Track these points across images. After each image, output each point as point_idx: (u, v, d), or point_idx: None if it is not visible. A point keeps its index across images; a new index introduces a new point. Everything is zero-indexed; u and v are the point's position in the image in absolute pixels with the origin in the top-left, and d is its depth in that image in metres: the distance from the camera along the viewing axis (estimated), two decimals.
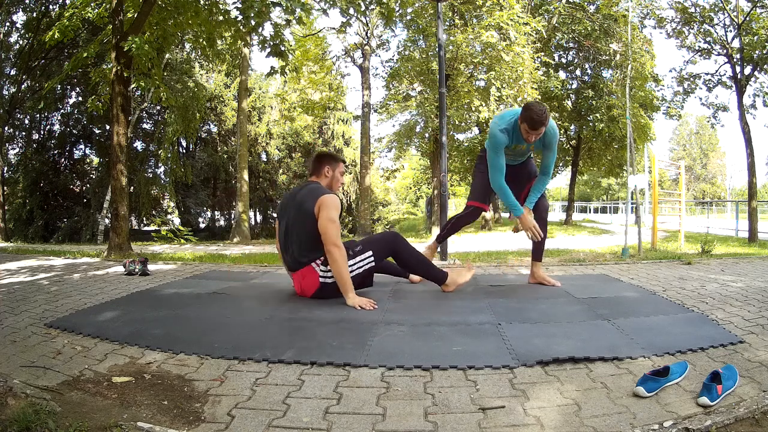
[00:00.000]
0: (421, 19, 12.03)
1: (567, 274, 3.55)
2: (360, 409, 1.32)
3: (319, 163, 2.69)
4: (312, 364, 1.63)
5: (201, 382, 1.50)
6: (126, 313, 2.33)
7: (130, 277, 3.48)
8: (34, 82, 13.97)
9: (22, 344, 1.87)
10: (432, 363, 1.61)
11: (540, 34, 12.16)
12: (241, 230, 12.68)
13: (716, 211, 21.58)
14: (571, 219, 18.36)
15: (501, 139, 2.75)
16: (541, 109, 2.61)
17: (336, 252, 2.40)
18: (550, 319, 2.16)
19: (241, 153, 13.08)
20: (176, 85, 14.63)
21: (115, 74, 5.60)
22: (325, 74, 15.75)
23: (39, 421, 1.18)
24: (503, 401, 1.36)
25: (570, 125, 16.08)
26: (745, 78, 8.48)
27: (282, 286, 3.04)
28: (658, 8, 9.77)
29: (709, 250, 4.97)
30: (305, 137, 20.03)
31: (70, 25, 6.97)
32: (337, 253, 2.40)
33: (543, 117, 2.60)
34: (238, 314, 2.32)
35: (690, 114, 44.05)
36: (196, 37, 7.45)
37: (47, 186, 15.39)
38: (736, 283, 3.04)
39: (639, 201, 7.37)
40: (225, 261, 4.80)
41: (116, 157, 5.62)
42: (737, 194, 40.07)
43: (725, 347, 1.78)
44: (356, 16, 7.52)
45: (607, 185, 42.48)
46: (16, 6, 13.38)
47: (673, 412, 1.28)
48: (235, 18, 6.09)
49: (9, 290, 2.96)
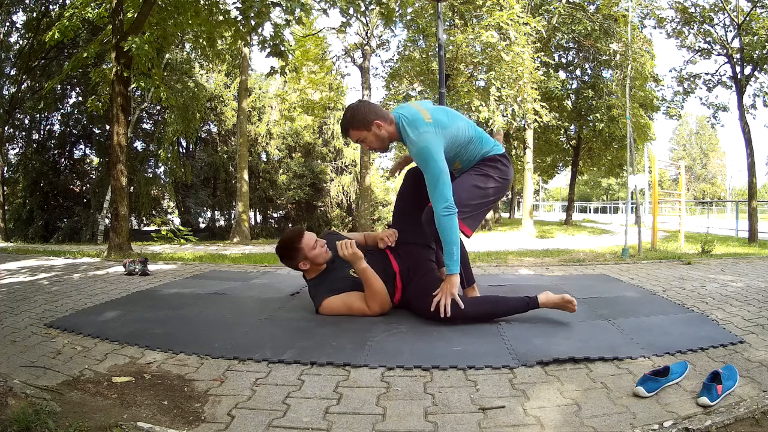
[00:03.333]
0: (421, 19, 12.03)
1: (567, 274, 3.55)
2: (360, 409, 1.32)
3: (290, 260, 2.29)
4: (312, 364, 1.63)
5: (201, 382, 1.50)
6: (126, 313, 2.33)
7: (130, 277, 3.48)
8: (34, 82, 13.97)
9: (22, 344, 1.87)
10: (432, 363, 1.61)
11: (540, 34, 12.17)
12: (241, 230, 12.68)
13: (716, 211, 21.58)
14: (571, 219, 18.38)
15: None
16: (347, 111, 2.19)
17: (374, 314, 2.21)
18: (550, 319, 2.16)
19: (241, 153, 13.08)
20: (176, 85, 14.61)
21: (115, 74, 5.61)
22: (325, 74, 15.75)
23: (39, 421, 1.18)
24: (503, 401, 1.36)
25: (570, 125, 16.09)
26: (745, 78, 8.49)
27: (282, 286, 3.04)
28: (658, 8, 9.79)
29: (709, 250, 4.98)
30: (305, 137, 20.01)
31: (70, 25, 6.98)
32: (376, 313, 2.21)
33: (345, 119, 2.18)
34: (238, 314, 2.32)
35: (690, 114, 44.10)
36: (196, 37, 7.46)
37: (47, 186, 15.37)
38: (736, 283, 3.04)
39: (639, 201, 7.38)
40: (225, 261, 4.80)
41: (116, 157, 5.62)
42: (737, 194, 40.06)
43: (725, 347, 1.78)
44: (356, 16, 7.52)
45: (607, 185, 42.50)
46: (16, 6, 13.38)
47: (673, 412, 1.28)
48: (235, 18, 6.09)
49: (9, 290, 2.96)
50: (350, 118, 2.17)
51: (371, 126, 2.14)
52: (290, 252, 2.26)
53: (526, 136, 13.80)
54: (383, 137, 2.18)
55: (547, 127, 13.24)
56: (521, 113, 11.41)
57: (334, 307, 2.21)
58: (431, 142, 2.07)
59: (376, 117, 2.15)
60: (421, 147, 2.06)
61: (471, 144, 2.23)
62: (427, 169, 2.06)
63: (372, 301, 2.19)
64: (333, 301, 2.22)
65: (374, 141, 2.19)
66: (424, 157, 2.06)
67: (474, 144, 2.24)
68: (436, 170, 2.03)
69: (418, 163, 2.15)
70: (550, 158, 19.51)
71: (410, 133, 2.10)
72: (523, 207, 15.01)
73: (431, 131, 2.09)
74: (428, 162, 2.05)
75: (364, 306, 2.20)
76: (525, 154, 14.16)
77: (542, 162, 19.61)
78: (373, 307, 2.19)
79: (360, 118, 2.15)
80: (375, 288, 2.17)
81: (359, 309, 2.20)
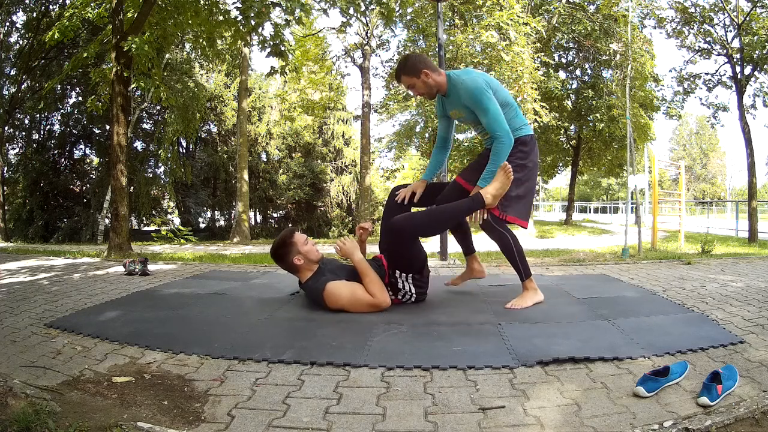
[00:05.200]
0: (421, 19, 12.03)
1: (567, 274, 3.55)
2: (360, 409, 1.32)
3: (286, 256, 2.36)
4: (312, 364, 1.63)
5: (201, 382, 1.50)
6: (126, 313, 2.33)
7: (130, 277, 3.48)
8: (34, 82, 13.96)
9: (22, 344, 1.87)
10: (432, 363, 1.61)
11: (540, 34, 12.15)
12: (241, 230, 12.68)
13: (716, 211, 21.58)
14: (571, 219, 18.37)
15: (436, 106, 2.63)
16: (401, 59, 2.43)
17: (379, 302, 2.28)
18: (550, 319, 2.16)
19: (241, 153, 13.08)
20: (176, 85, 14.61)
21: (115, 74, 5.60)
22: (325, 74, 15.75)
23: (39, 421, 1.18)
24: (503, 401, 1.36)
25: (570, 125, 16.08)
26: (745, 78, 8.49)
27: (282, 286, 3.04)
28: (658, 8, 9.78)
29: (709, 250, 4.97)
30: (305, 137, 20.02)
31: (70, 25, 6.97)
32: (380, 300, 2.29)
33: (398, 67, 2.43)
34: (238, 314, 2.33)
35: (690, 114, 44.03)
36: (196, 37, 7.45)
37: (47, 186, 15.37)
38: (736, 283, 3.04)
39: (639, 201, 7.38)
40: (225, 261, 4.80)
41: (116, 157, 5.62)
42: (737, 194, 40.06)
43: (725, 347, 1.78)
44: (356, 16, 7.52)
45: (607, 185, 42.48)
46: (16, 6, 13.38)
47: (673, 412, 1.28)
48: (235, 18, 6.09)
49: (9, 290, 2.96)
50: (402, 65, 2.42)
51: (420, 74, 2.37)
52: (285, 248, 2.36)
53: None
54: (431, 85, 2.41)
55: (547, 127, 13.22)
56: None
57: (340, 291, 2.26)
58: (484, 85, 2.32)
59: (425, 66, 2.38)
60: (476, 87, 2.31)
61: (507, 108, 2.41)
62: (484, 107, 2.30)
63: (372, 286, 2.28)
64: (339, 285, 2.28)
65: (423, 87, 2.42)
66: (478, 96, 2.30)
67: (509, 110, 2.41)
68: (493, 106, 2.30)
69: (473, 105, 2.34)
70: (550, 158, 19.49)
71: (463, 78, 2.35)
72: None
73: (482, 79, 2.35)
74: (483, 101, 2.30)
75: (366, 294, 2.27)
76: None
77: (542, 162, 19.54)
78: (375, 291, 2.27)
79: (411, 66, 2.38)
80: (372, 275, 2.31)
81: (362, 296, 2.26)
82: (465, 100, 2.36)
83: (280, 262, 2.43)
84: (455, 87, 2.39)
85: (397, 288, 2.41)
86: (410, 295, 2.44)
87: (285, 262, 2.39)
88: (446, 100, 2.52)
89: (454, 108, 2.49)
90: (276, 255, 2.42)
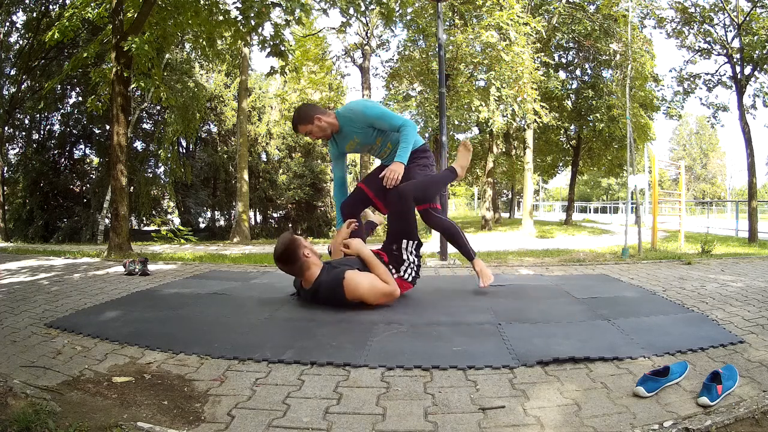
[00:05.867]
0: (421, 19, 12.03)
1: (567, 274, 3.55)
2: (360, 409, 1.32)
3: (294, 257, 2.37)
4: (312, 364, 1.63)
5: (201, 382, 1.50)
6: (126, 313, 2.33)
7: (130, 277, 3.48)
8: (34, 82, 13.95)
9: (22, 344, 1.87)
10: (432, 363, 1.61)
11: (540, 34, 12.16)
12: (241, 230, 12.68)
13: (716, 211, 21.58)
14: (571, 219, 18.38)
15: (331, 150, 2.89)
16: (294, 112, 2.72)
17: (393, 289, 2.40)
18: (550, 319, 2.16)
19: (241, 153, 13.08)
20: (176, 85, 14.61)
21: (115, 74, 5.60)
22: (325, 74, 15.77)
23: (39, 421, 1.18)
24: (503, 401, 1.36)
25: (570, 125, 16.08)
26: (745, 78, 8.48)
27: (282, 286, 3.04)
28: (658, 8, 9.78)
29: (709, 250, 4.98)
30: (305, 137, 20.00)
31: (70, 25, 6.96)
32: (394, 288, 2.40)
33: (293, 120, 2.69)
34: (238, 314, 2.33)
35: (690, 114, 44.06)
36: (196, 37, 7.45)
37: (47, 186, 15.36)
38: (736, 283, 3.04)
39: (639, 201, 7.38)
40: (225, 261, 4.80)
41: (116, 157, 5.62)
42: (737, 194, 40.05)
43: (725, 347, 1.78)
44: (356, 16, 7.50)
45: (607, 185, 42.48)
46: (16, 6, 13.37)
47: (673, 412, 1.28)
48: (235, 18, 6.09)
49: (9, 290, 2.96)
50: (296, 117, 2.70)
51: (313, 120, 2.66)
52: (291, 246, 2.36)
53: (526, 136, 13.80)
54: (324, 127, 2.69)
55: (547, 127, 13.24)
56: (521, 113, 11.41)
57: (360, 278, 2.32)
58: (366, 101, 2.81)
59: (316, 112, 2.68)
60: (363, 105, 2.74)
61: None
62: (378, 113, 2.65)
63: (386, 275, 2.41)
64: (358, 273, 2.35)
65: (318, 131, 2.69)
66: (370, 108, 2.67)
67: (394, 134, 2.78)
68: (384, 109, 2.70)
69: (370, 119, 2.65)
70: (550, 158, 19.50)
71: (350, 107, 2.72)
72: (523, 207, 15.01)
73: (362, 100, 2.79)
74: (375, 109, 2.66)
75: (381, 282, 2.37)
76: (525, 154, 14.16)
77: (542, 162, 19.60)
78: (388, 279, 2.40)
79: (304, 115, 2.67)
80: (382, 266, 2.44)
81: (379, 284, 2.36)
82: (360, 122, 2.67)
83: (288, 262, 2.38)
84: (346, 118, 2.69)
85: (401, 260, 2.58)
86: (413, 268, 2.61)
87: (295, 260, 2.35)
88: (339, 137, 2.78)
89: (349, 139, 2.77)
90: (284, 256, 2.36)
